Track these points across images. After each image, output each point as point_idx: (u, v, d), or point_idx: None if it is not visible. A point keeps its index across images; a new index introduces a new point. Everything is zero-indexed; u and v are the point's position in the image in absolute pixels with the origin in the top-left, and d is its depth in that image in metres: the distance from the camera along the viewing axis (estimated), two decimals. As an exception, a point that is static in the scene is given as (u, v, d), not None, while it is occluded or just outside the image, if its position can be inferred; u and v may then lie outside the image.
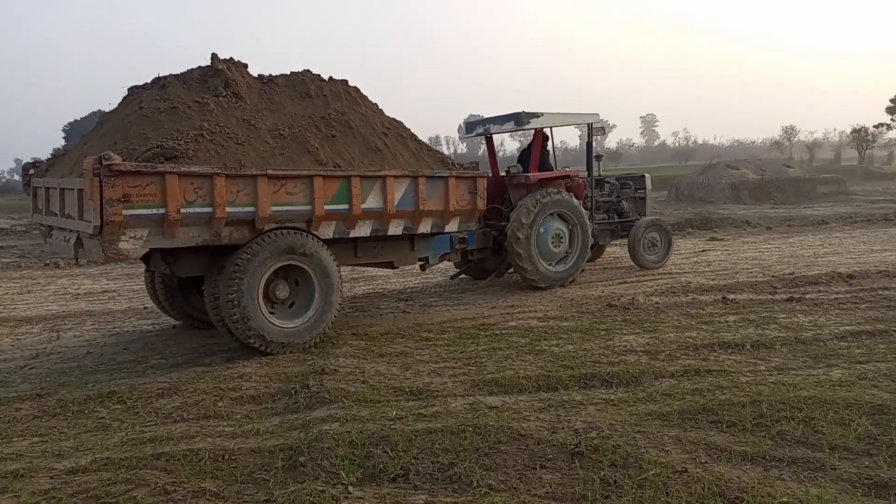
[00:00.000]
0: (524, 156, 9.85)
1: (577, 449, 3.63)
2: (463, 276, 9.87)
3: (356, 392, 4.69)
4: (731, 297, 7.65)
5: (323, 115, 6.66)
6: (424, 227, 6.96)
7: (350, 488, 3.33)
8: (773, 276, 9.03)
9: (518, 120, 9.18)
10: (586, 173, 10.25)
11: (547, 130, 9.76)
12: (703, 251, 12.49)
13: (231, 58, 6.64)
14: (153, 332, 7.14)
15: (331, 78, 7.17)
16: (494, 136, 10.70)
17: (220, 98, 6.15)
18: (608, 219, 10.47)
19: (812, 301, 7.34)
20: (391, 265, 7.37)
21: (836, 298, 7.44)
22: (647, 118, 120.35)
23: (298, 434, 4.02)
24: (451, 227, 7.24)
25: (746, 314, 6.83)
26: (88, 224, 5.09)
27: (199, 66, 6.48)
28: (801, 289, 8.05)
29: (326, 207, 6.06)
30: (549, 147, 10.02)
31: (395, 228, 6.71)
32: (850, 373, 4.87)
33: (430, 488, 3.34)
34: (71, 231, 5.63)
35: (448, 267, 10.44)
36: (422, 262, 7.69)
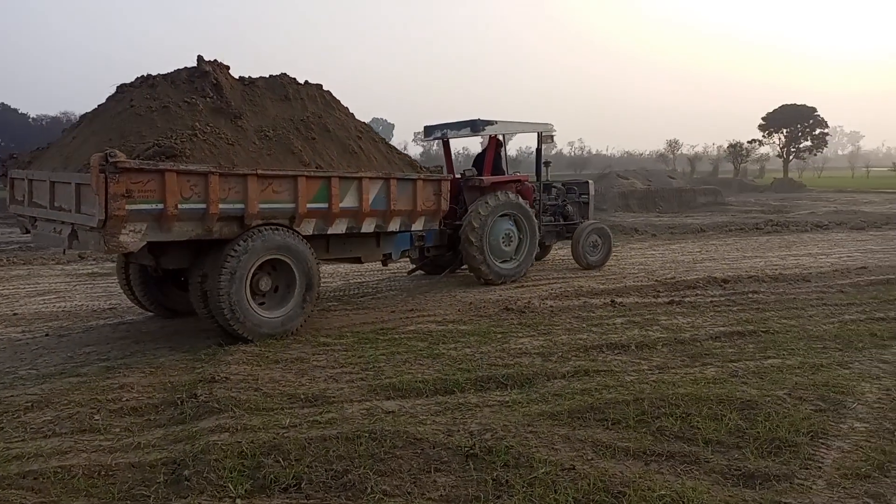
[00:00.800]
0: (479, 160, 10.35)
1: (471, 451, 3.68)
2: (419, 271, 10.36)
3: (248, 400, 4.53)
4: (619, 300, 8.04)
5: (302, 118, 6.97)
6: (394, 225, 7.46)
7: (238, 501, 3.21)
8: (656, 280, 9.57)
9: (474, 126, 9.73)
10: (535, 178, 10.83)
11: (500, 137, 10.25)
12: (594, 256, 13.02)
13: (215, 59, 6.85)
14: (23, 340, 6.59)
15: (306, 82, 7.47)
16: (451, 141, 10.94)
17: (207, 99, 6.39)
18: (554, 221, 11.10)
19: (690, 304, 7.84)
20: (358, 260, 7.93)
21: (711, 301, 7.99)
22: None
23: (183, 446, 3.83)
24: (417, 226, 7.78)
25: (632, 316, 7.19)
26: (90, 217, 5.30)
27: (186, 67, 6.73)
28: (682, 292, 8.58)
29: (308, 205, 6.47)
30: (502, 152, 10.51)
31: (368, 226, 7.19)
32: (722, 371, 5.24)
33: (323, 497, 3.28)
34: (65, 223, 5.82)
35: (346, 270, 10.44)
36: (384, 258, 8.11)
